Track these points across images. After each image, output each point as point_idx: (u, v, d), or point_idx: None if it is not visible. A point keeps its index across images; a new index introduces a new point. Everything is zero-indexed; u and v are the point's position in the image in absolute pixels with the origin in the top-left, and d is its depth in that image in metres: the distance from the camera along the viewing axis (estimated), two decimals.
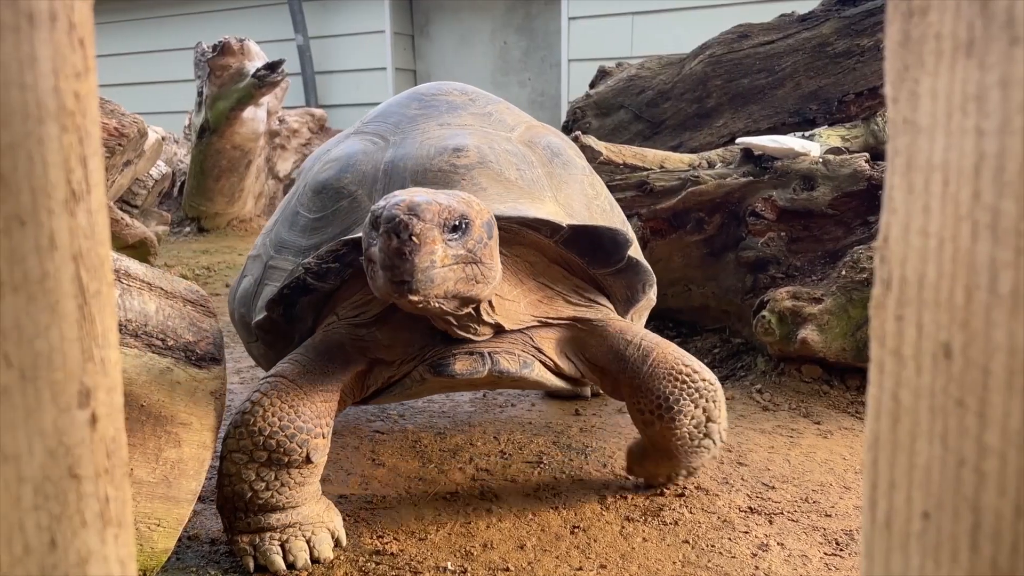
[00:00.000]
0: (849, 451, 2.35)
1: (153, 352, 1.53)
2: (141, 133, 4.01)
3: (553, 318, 1.95)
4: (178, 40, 9.72)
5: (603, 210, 2.10)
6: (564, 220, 1.86)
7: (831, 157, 3.05)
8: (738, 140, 3.40)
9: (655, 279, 2.12)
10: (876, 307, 0.60)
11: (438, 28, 9.36)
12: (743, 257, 3.19)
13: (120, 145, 3.76)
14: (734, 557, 1.77)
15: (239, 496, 1.69)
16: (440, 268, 1.49)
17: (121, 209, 4.80)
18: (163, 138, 5.42)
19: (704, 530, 1.90)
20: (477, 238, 1.56)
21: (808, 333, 2.76)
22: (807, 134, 3.45)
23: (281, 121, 7.62)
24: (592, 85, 4.47)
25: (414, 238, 1.44)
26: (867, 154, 3.05)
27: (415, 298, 1.49)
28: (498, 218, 1.71)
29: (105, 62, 10.01)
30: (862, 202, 2.97)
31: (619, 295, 2.11)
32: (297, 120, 7.87)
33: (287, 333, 2.05)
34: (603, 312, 2.02)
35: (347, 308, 1.93)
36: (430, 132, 2.03)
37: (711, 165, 3.40)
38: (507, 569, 1.73)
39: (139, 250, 4.44)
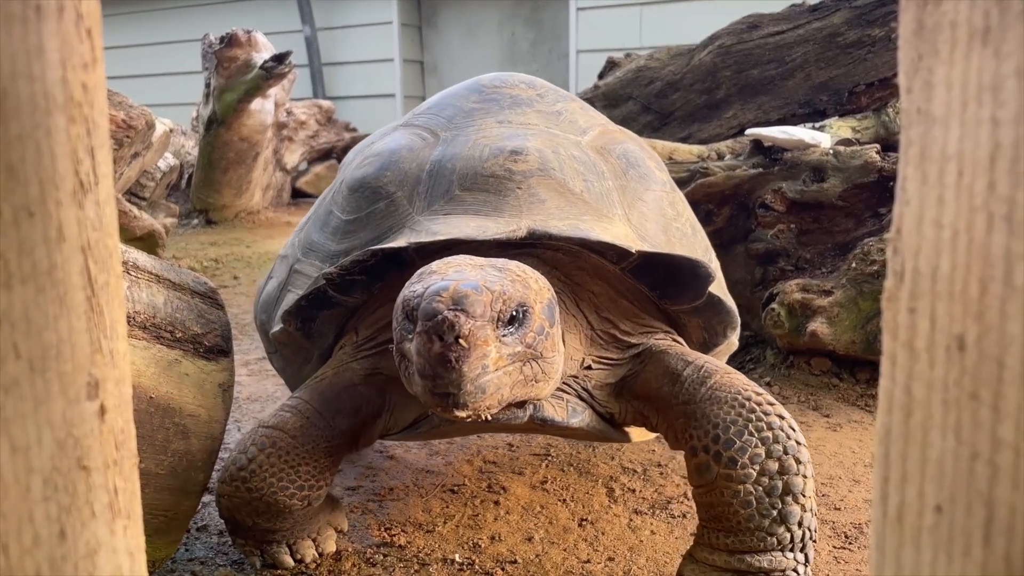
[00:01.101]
0: (858, 444, 2.34)
1: (162, 344, 1.54)
2: (149, 125, 4.01)
3: (614, 359, 1.66)
4: (185, 32, 9.72)
5: (683, 234, 1.80)
6: (634, 244, 1.57)
7: (841, 148, 3.03)
8: (747, 131, 3.39)
9: (739, 321, 1.80)
10: (888, 299, 0.60)
11: (446, 19, 9.34)
12: (752, 249, 3.18)
13: (128, 137, 3.77)
14: None
15: (239, 526, 1.64)
16: (493, 373, 1.24)
17: (129, 201, 4.81)
18: (171, 130, 5.42)
19: None
20: (537, 329, 1.30)
21: (817, 326, 2.75)
22: (817, 125, 3.43)
23: (288, 113, 7.63)
24: (600, 76, 4.45)
25: (462, 341, 1.19)
26: (878, 145, 3.03)
27: (462, 413, 1.25)
28: (556, 238, 1.53)
29: (113, 54, 10.02)
30: (872, 194, 2.95)
31: (694, 336, 1.80)
32: (304, 112, 7.87)
33: (306, 349, 1.84)
34: (665, 338, 1.71)
35: (368, 327, 1.73)
36: (487, 130, 1.78)
37: (720, 157, 3.38)
38: (515, 561, 1.73)
39: (147, 242, 4.45)
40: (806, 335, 2.78)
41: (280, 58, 6.46)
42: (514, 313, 1.27)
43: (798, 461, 1.38)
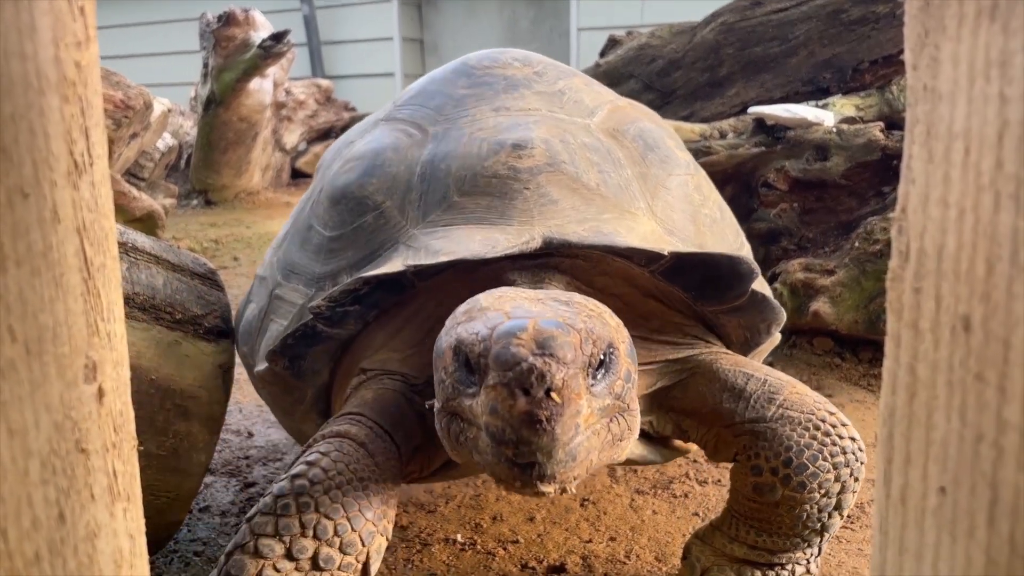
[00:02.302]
0: (861, 424, 2.35)
1: (161, 325, 1.53)
2: (147, 105, 3.99)
3: (645, 363, 1.48)
4: (183, 11, 9.65)
5: (712, 220, 1.62)
6: (664, 245, 1.39)
7: (845, 127, 3.01)
8: (750, 110, 3.36)
9: (784, 316, 1.60)
10: (893, 279, 0.59)
11: None
12: (755, 228, 3.17)
13: (126, 117, 3.75)
14: None
15: None
16: (583, 435, 1.00)
17: (128, 182, 4.80)
18: (169, 110, 5.40)
19: (714, 503, 1.91)
20: (624, 375, 1.09)
21: (820, 305, 2.75)
22: (821, 103, 3.41)
23: (287, 92, 7.59)
24: (602, 54, 4.42)
25: (554, 395, 0.96)
26: (882, 123, 3.01)
27: (548, 488, 1.00)
28: (576, 247, 1.34)
29: (109, 33, 9.95)
30: (876, 172, 2.94)
31: (734, 335, 1.60)
32: (303, 91, 7.83)
33: (297, 388, 1.58)
34: (710, 348, 1.55)
35: (373, 363, 1.48)
36: (483, 120, 1.57)
37: (723, 135, 3.36)
38: (516, 541, 1.74)
39: (146, 223, 4.44)
40: (808, 315, 2.77)
41: (278, 37, 6.42)
42: (603, 357, 1.05)
43: (856, 480, 1.34)
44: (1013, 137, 0.49)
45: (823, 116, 3.10)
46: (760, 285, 1.52)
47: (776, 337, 1.68)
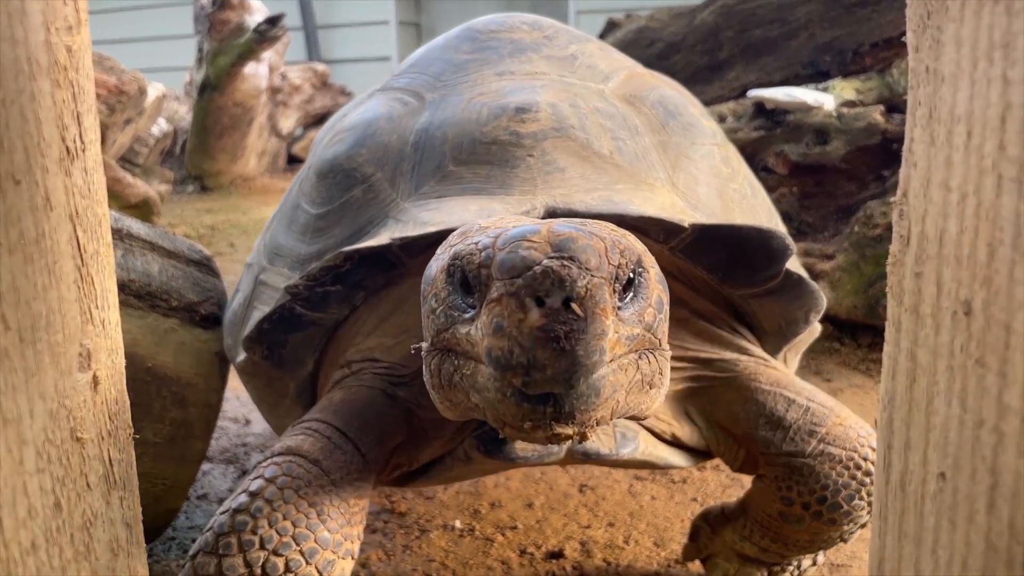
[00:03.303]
0: (860, 409, 2.34)
1: (157, 313, 1.53)
2: (141, 90, 3.97)
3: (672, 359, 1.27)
4: None
5: (742, 196, 1.46)
6: (686, 216, 1.23)
7: (845, 110, 3.00)
8: (750, 93, 3.35)
9: (824, 302, 1.42)
10: (894, 264, 0.59)
11: None
12: None
13: (120, 102, 3.73)
14: None
15: None
16: (609, 366, 0.82)
17: (123, 168, 4.78)
18: (163, 95, 5.37)
19: (712, 488, 1.91)
20: (656, 303, 0.91)
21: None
22: (821, 86, 3.39)
23: (283, 77, 7.55)
24: (601, 37, 4.39)
25: (576, 307, 0.78)
26: (882, 106, 3.00)
27: (567, 429, 0.83)
28: (583, 215, 1.13)
29: (101, 17, 9.88)
30: (876, 156, 2.93)
31: (768, 324, 1.42)
32: (299, 76, 7.79)
33: (279, 380, 1.45)
34: (745, 354, 1.38)
35: (359, 354, 1.35)
36: (484, 85, 1.43)
37: (722, 119, 3.35)
38: (515, 527, 1.74)
39: (141, 209, 4.43)
40: None
41: (273, 21, 6.38)
42: (632, 275, 0.86)
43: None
44: (1016, 120, 0.48)
45: (823, 99, 3.08)
46: (795, 266, 1.36)
47: (816, 328, 1.51)
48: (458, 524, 1.76)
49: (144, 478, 0.71)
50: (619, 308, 0.84)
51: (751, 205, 1.47)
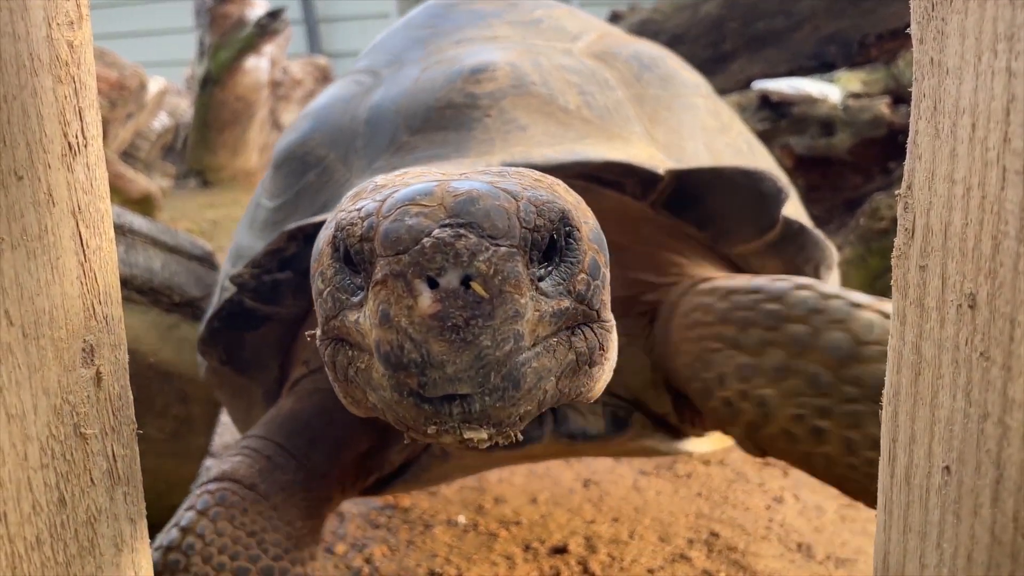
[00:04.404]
0: None
1: (159, 308, 1.53)
2: (142, 84, 3.97)
3: None
4: None
5: (736, 151, 1.35)
6: (659, 164, 1.12)
7: (851, 102, 2.99)
8: (755, 85, 3.34)
9: (835, 255, 1.29)
10: (898, 257, 0.59)
11: None
12: None
13: (121, 97, 3.73)
14: (748, 510, 1.78)
15: None
16: (530, 351, 0.67)
17: (124, 163, 4.78)
18: (164, 90, 5.37)
19: (718, 483, 1.91)
20: (590, 267, 0.73)
21: None
22: (826, 78, 3.38)
23: (284, 71, 7.54)
24: None
25: (476, 286, 0.63)
26: (888, 98, 3.00)
27: (479, 434, 0.67)
28: (540, 167, 0.99)
29: (101, 12, 9.87)
30: (882, 148, 2.92)
31: None
32: (300, 70, 7.77)
33: (244, 388, 1.37)
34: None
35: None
36: (439, 54, 1.36)
37: None
38: (519, 523, 1.75)
39: (143, 204, 4.43)
40: None
41: (275, 14, 6.38)
42: (554, 237, 0.70)
43: None
44: (1020, 112, 0.48)
45: (828, 91, 3.07)
46: (796, 213, 1.25)
47: (833, 279, 1.34)
48: (462, 519, 1.76)
49: (146, 474, 0.71)
50: (539, 279, 0.69)
51: (746, 160, 1.33)
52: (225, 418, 1.83)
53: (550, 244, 0.69)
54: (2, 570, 0.57)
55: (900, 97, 3.05)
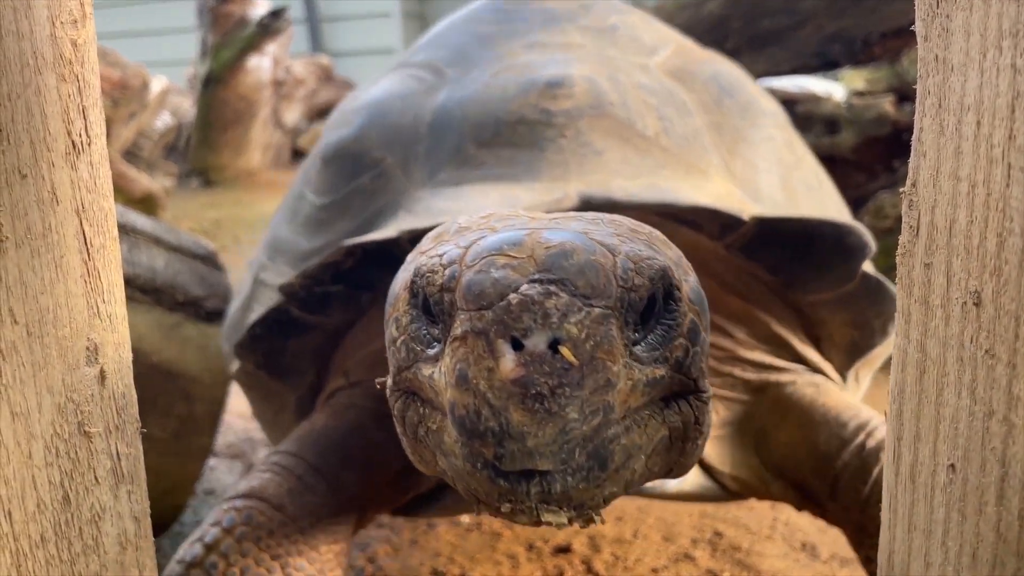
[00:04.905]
0: (870, 401, 2.33)
1: (162, 307, 1.53)
2: (144, 84, 3.97)
3: (728, 394, 1.16)
4: None
5: (808, 187, 1.28)
6: (745, 208, 1.07)
7: (855, 100, 2.99)
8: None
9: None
10: (903, 255, 0.59)
11: None
12: None
13: (124, 96, 3.73)
14: (752, 509, 1.77)
15: None
16: (619, 425, 0.62)
17: (126, 162, 4.78)
18: (166, 89, 5.37)
19: None
20: (689, 331, 0.68)
21: None
22: (830, 76, 3.38)
23: (287, 70, 7.54)
24: None
25: (566, 351, 0.58)
26: (892, 96, 2.99)
27: (556, 518, 0.62)
28: (623, 205, 1.00)
29: (104, 11, 9.88)
30: (886, 147, 2.92)
31: (837, 335, 1.22)
32: (303, 69, 7.78)
33: (277, 392, 1.32)
34: (804, 371, 1.19)
35: (361, 365, 1.21)
36: (511, 58, 1.27)
37: None
38: None
39: (146, 204, 4.43)
40: None
41: (277, 14, 6.38)
42: (653, 297, 0.65)
43: None
44: None
45: (832, 90, 3.07)
46: (869, 266, 1.17)
47: (891, 339, 1.25)
48: (465, 519, 1.76)
49: (150, 473, 0.71)
50: (634, 344, 0.63)
51: (818, 197, 1.30)
52: (228, 417, 1.83)
53: (647, 305, 0.64)
54: (7, 568, 0.57)
55: (904, 95, 3.05)
